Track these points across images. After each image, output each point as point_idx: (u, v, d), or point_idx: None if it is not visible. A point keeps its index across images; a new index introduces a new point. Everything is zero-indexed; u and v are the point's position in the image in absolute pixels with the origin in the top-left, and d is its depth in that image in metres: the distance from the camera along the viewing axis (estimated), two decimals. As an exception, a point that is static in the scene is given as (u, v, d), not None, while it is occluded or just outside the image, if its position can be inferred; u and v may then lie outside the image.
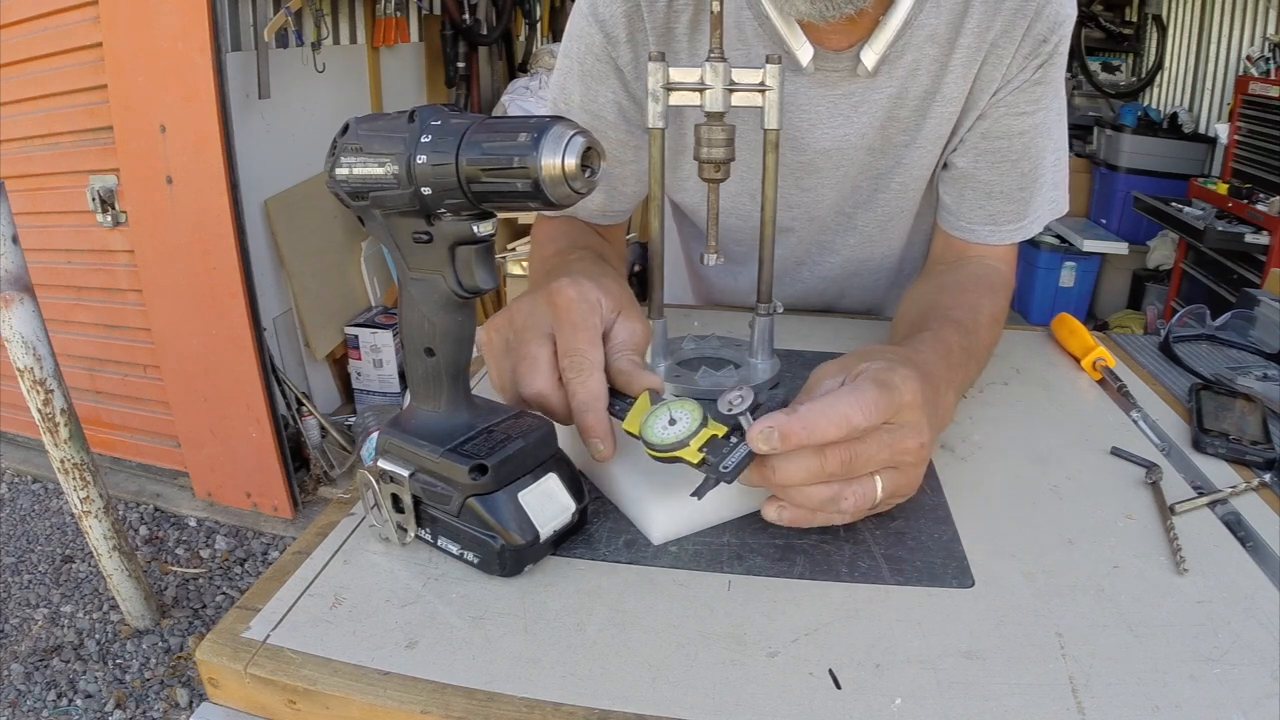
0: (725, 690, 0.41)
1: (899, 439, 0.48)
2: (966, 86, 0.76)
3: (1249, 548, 0.52)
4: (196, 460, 2.35)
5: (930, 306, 0.72)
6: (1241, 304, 0.96)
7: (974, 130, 0.78)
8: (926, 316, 0.69)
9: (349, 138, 0.46)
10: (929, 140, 0.79)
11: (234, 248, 2.03)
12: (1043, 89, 0.75)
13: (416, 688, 0.41)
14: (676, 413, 0.48)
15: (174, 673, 1.80)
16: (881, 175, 0.83)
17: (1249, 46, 3.50)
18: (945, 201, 0.83)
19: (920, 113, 0.77)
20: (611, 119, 0.81)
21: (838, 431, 0.45)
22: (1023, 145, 0.77)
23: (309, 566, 0.50)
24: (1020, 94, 0.75)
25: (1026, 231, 0.81)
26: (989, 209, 0.80)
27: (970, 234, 0.82)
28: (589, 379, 0.52)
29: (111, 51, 2.00)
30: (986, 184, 0.79)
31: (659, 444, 0.47)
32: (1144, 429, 0.68)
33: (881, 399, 0.47)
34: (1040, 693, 0.41)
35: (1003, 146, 0.77)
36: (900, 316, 0.79)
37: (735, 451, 0.46)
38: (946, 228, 0.84)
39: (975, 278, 0.79)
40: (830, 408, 0.46)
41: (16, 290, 1.60)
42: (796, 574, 0.49)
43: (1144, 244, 3.66)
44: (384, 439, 0.51)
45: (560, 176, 0.42)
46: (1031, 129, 0.76)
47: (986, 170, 0.79)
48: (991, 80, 0.75)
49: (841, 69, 0.75)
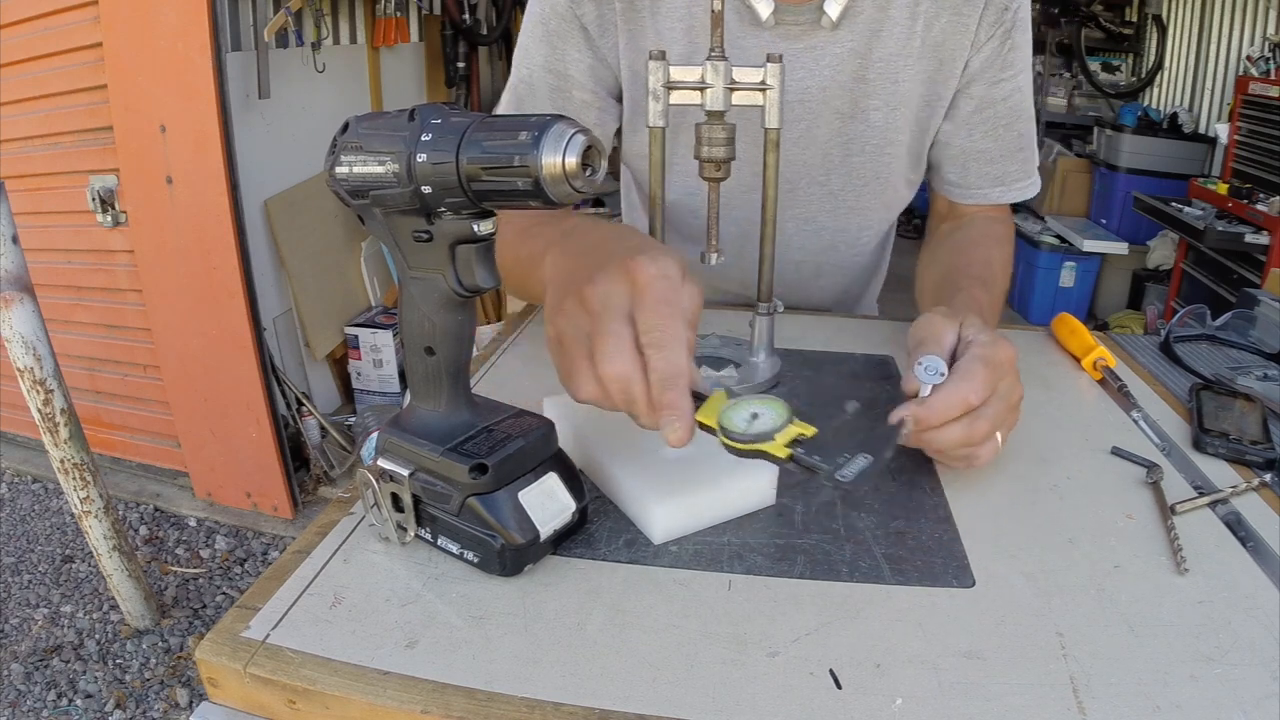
0: (725, 690, 0.41)
1: (1008, 399, 0.58)
2: (933, 51, 0.80)
3: (1249, 548, 0.52)
4: (196, 460, 2.35)
5: (951, 268, 0.81)
6: (1241, 304, 0.96)
7: (961, 107, 0.83)
8: (952, 277, 0.78)
9: (349, 136, 0.46)
10: (900, 103, 0.82)
11: (234, 248, 2.03)
12: (1014, 55, 0.81)
13: (416, 687, 0.41)
14: (759, 407, 0.48)
15: (174, 673, 1.80)
16: (853, 139, 0.84)
17: (1249, 46, 3.50)
18: (950, 177, 0.88)
19: (889, 76, 0.80)
20: (577, 78, 0.82)
21: (959, 411, 0.55)
22: (1009, 108, 0.83)
23: (309, 566, 0.49)
24: (994, 63, 0.80)
25: (1035, 186, 0.88)
26: (995, 173, 0.86)
27: (983, 198, 0.88)
28: (672, 353, 0.47)
29: (111, 51, 1.99)
30: (988, 151, 0.85)
31: (741, 435, 0.46)
32: (1144, 429, 0.68)
33: (990, 376, 0.56)
34: (1041, 693, 0.41)
35: (992, 114, 0.83)
36: (923, 280, 0.86)
37: (854, 463, 0.45)
38: (956, 198, 0.90)
39: (982, 234, 0.86)
40: (954, 395, 0.55)
41: (16, 290, 1.59)
42: (797, 574, 0.49)
43: (1144, 244, 3.66)
44: (384, 438, 0.51)
45: (561, 175, 0.41)
46: (1014, 91, 0.82)
47: (983, 139, 0.84)
48: (960, 48, 0.79)
49: (803, 21, 0.77)
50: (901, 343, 0.71)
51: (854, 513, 0.55)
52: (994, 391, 0.56)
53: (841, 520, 0.54)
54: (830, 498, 0.56)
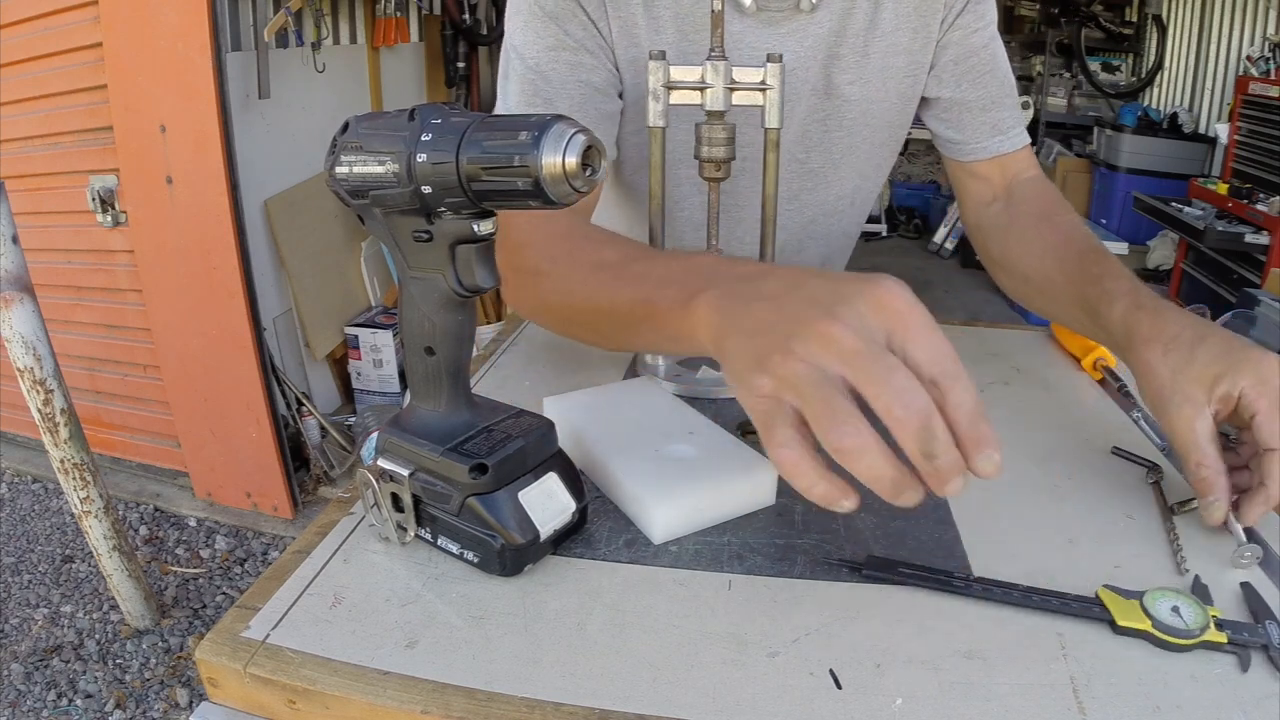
0: (725, 690, 0.41)
1: None
2: (908, 21, 0.80)
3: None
4: (196, 460, 2.35)
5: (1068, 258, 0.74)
6: (1241, 304, 0.96)
7: (942, 62, 0.84)
8: (1087, 270, 0.70)
9: (349, 136, 0.46)
10: (876, 76, 0.82)
11: (234, 248, 2.03)
12: (983, 6, 0.83)
13: (416, 687, 0.41)
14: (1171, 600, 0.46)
15: (174, 673, 1.80)
16: (830, 116, 0.85)
17: (1249, 46, 3.50)
18: (949, 135, 0.89)
19: (862, 50, 0.81)
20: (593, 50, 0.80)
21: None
22: (989, 55, 0.85)
23: (309, 566, 0.49)
24: (967, 15, 0.82)
25: (1025, 137, 0.88)
26: (988, 120, 0.86)
27: (984, 151, 0.87)
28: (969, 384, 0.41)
29: (111, 51, 2.00)
30: (977, 100, 0.86)
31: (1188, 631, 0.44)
32: (1144, 429, 0.68)
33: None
34: (1041, 693, 0.41)
35: (975, 63, 0.84)
36: (1043, 282, 0.78)
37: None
38: (961, 157, 0.89)
39: (1047, 200, 0.84)
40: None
41: (16, 290, 1.59)
42: (797, 574, 0.49)
43: (1144, 244, 3.66)
44: (384, 438, 0.51)
45: (561, 175, 0.41)
46: (990, 39, 0.84)
47: (970, 89, 0.85)
48: (934, 13, 0.81)
49: (785, 6, 0.78)
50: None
51: (854, 513, 0.55)
52: None
53: (841, 520, 0.54)
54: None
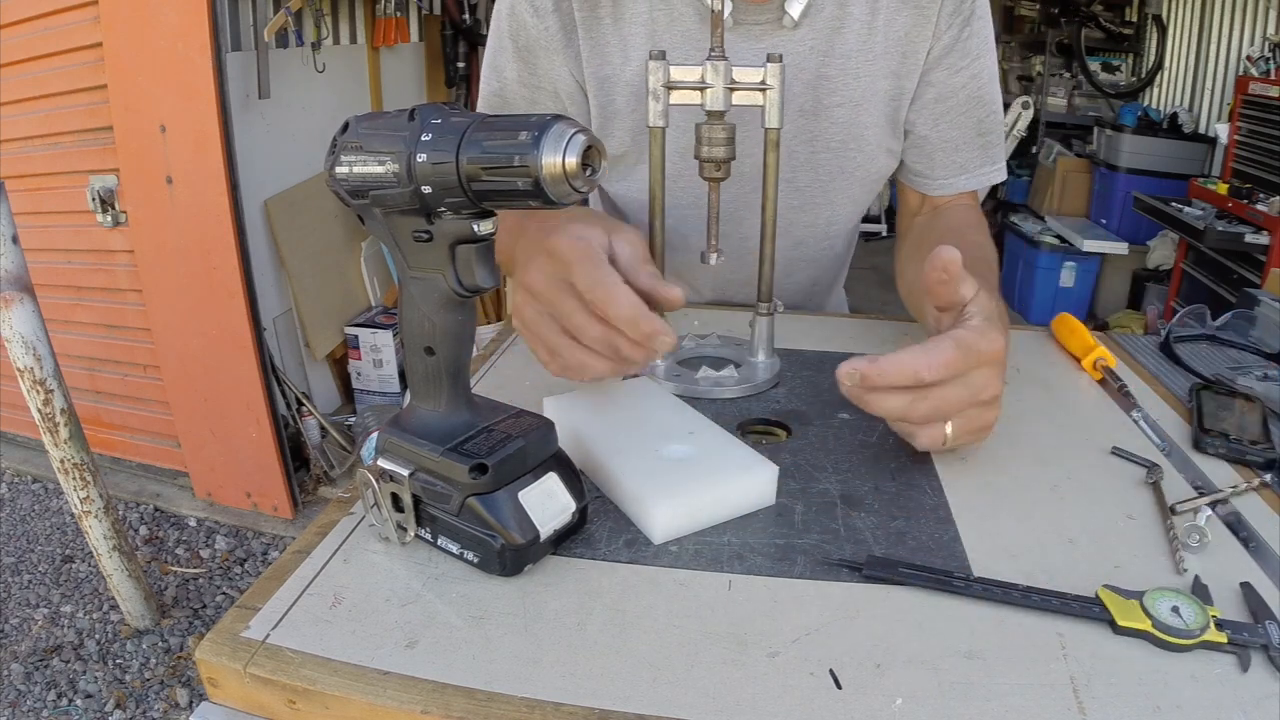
0: (725, 690, 0.41)
1: (976, 393, 0.55)
2: (896, 46, 0.80)
3: (1250, 548, 0.52)
4: (196, 460, 2.35)
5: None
6: (1241, 304, 0.96)
7: (923, 99, 0.84)
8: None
9: (349, 136, 0.46)
10: (864, 98, 0.82)
11: (234, 248, 2.03)
12: (973, 42, 0.82)
13: (416, 687, 0.41)
14: (1171, 600, 0.46)
15: (174, 673, 1.80)
16: (818, 137, 0.85)
17: (1249, 46, 3.50)
18: (916, 168, 0.89)
19: (851, 72, 0.81)
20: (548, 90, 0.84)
21: (907, 381, 0.53)
22: (968, 95, 0.84)
23: (309, 566, 0.49)
24: (953, 52, 0.82)
25: (1000, 174, 0.89)
26: (958, 160, 0.87)
27: (948, 188, 0.88)
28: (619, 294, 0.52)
29: (111, 51, 2.00)
30: (950, 140, 0.86)
31: (1188, 631, 0.44)
32: (1144, 429, 0.68)
33: (955, 359, 0.53)
34: (1041, 693, 0.41)
35: (953, 104, 0.84)
36: (908, 274, 0.83)
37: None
38: (924, 189, 0.90)
39: (963, 221, 0.86)
40: (905, 363, 0.53)
41: (16, 290, 1.60)
42: (797, 574, 0.49)
43: (1144, 244, 3.66)
44: (384, 438, 0.51)
45: (561, 175, 0.41)
46: (972, 79, 0.83)
47: (946, 128, 0.85)
48: (922, 40, 0.80)
49: (764, 21, 0.78)
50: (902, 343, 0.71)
51: (854, 513, 0.55)
52: (957, 377, 0.54)
53: (841, 520, 0.54)
54: (831, 498, 0.56)
